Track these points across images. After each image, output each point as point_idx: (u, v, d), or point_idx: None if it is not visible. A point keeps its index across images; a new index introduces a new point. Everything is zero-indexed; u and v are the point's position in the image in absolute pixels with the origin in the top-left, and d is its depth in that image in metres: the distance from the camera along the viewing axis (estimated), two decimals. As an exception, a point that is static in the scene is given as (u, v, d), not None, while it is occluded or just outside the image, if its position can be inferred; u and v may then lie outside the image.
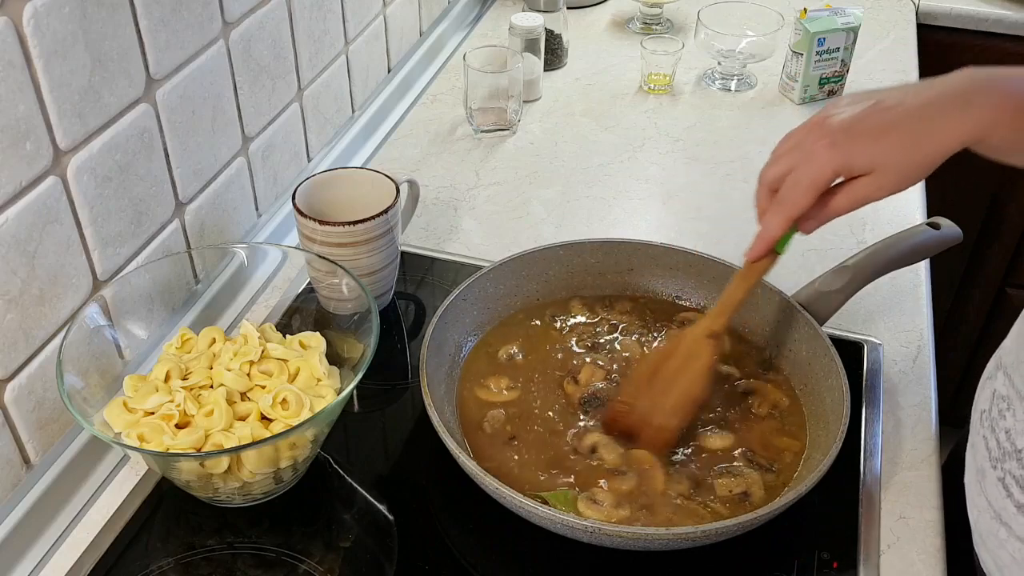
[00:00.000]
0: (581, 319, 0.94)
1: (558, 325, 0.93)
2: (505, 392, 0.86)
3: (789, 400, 0.85)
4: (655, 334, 0.92)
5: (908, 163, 0.65)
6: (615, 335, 0.92)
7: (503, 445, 0.81)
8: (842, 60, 1.33)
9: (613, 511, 0.75)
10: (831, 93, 1.36)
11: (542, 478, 0.78)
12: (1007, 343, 0.72)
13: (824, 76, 1.33)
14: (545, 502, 0.75)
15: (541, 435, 0.82)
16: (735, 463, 0.79)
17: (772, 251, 0.75)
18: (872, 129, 0.66)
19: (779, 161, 0.71)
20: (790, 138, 0.71)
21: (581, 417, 0.83)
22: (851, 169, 0.67)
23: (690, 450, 0.80)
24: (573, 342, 0.91)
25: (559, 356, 0.90)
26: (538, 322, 0.93)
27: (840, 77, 1.34)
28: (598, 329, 0.92)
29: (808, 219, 0.71)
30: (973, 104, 0.63)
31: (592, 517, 0.74)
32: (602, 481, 0.78)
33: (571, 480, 0.78)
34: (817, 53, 1.30)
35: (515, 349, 0.90)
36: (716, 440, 0.81)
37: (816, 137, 0.68)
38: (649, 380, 0.82)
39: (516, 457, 0.80)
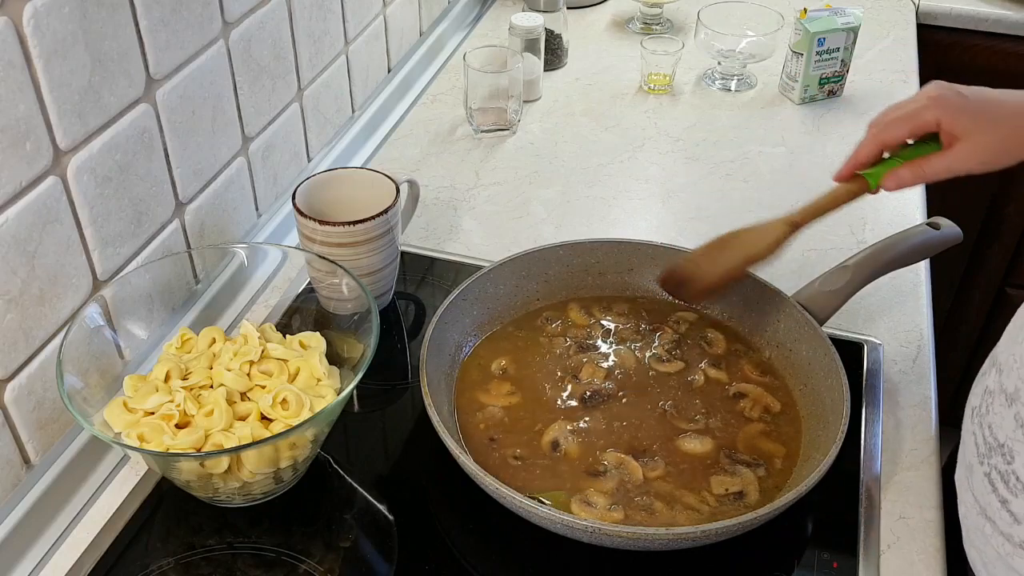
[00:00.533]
0: (576, 322, 0.94)
1: (553, 327, 0.93)
2: (505, 394, 0.86)
3: (781, 406, 0.85)
4: (650, 337, 0.92)
5: (998, 146, 0.72)
6: (609, 340, 0.92)
7: (495, 446, 0.81)
8: (842, 60, 1.33)
9: (606, 512, 0.75)
10: (831, 93, 1.36)
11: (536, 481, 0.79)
12: (1003, 340, 0.72)
13: (824, 76, 1.33)
14: (542, 502, 0.75)
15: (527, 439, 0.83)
16: (723, 462, 0.80)
17: (862, 179, 0.80)
18: (982, 102, 0.73)
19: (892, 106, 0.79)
20: None
21: (575, 413, 0.84)
22: (951, 124, 0.73)
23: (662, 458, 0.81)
24: (569, 349, 0.91)
25: (553, 363, 0.90)
26: (529, 329, 0.93)
27: (840, 77, 1.35)
28: (592, 332, 0.92)
29: (895, 176, 0.77)
30: None
31: (589, 518, 0.74)
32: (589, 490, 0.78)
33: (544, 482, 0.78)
34: (817, 53, 1.30)
35: (510, 357, 0.90)
36: (696, 444, 0.81)
37: (930, 88, 0.75)
38: (717, 246, 0.88)
39: (509, 459, 0.80)
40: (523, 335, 0.93)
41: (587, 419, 0.83)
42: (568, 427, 0.82)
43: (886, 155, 0.80)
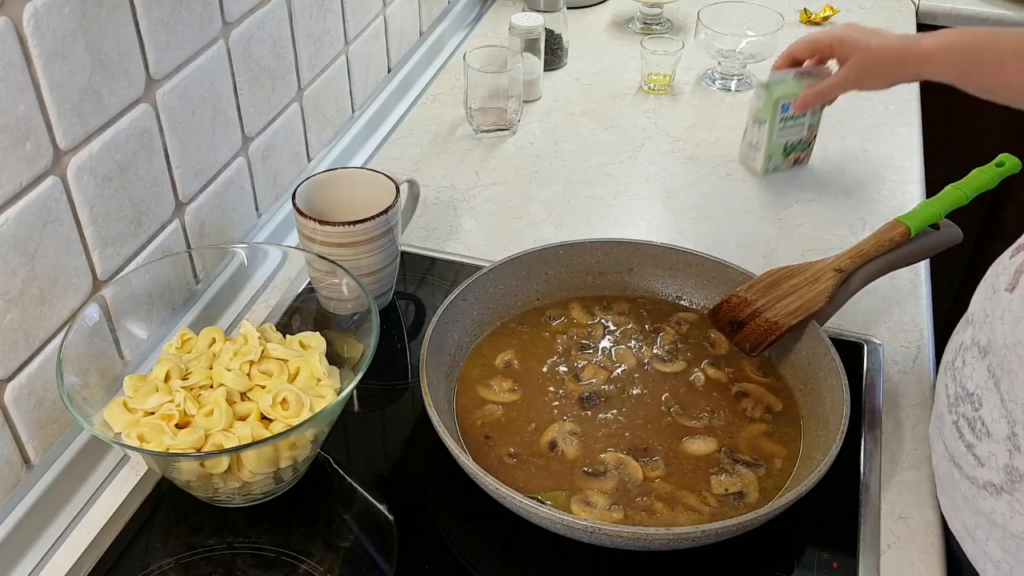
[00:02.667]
0: (577, 321, 0.94)
1: (554, 326, 0.93)
2: (505, 395, 0.86)
3: (783, 406, 0.85)
4: (651, 337, 0.92)
5: (869, 62, 1.02)
6: (611, 340, 0.92)
7: (490, 444, 0.81)
8: (809, 126, 1.18)
9: (606, 512, 0.75)
10: (797, 162, 1.21)
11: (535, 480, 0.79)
12: (974, 297, 0.75)
13: (790, 143, 1.18)
14: (542, 503, 0.75)
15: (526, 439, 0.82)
16: (723, 463, 0.80)
17: (904, 226, 0.87)
18: (870, 32, 1.02)
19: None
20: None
21: (578, 413, 0.84)
22: (842, 50, 1.04)
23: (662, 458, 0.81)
24: (570, 348, 0.91)
25: (555, 362, 0.90)
26: (530, 328, 0.93)
27: (807, 144, 1.20)
28: (592, 332, 0.92)
29: (802, 100, 1.11)
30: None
31: (589, 518, 0.74)
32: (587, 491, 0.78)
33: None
34: (781, 120, 1.15)
35: (510, 356, 0.90)
36: (698, 445, 0.81)
37: (837, 25, 1.07)
38: (769, 287, 0.89)
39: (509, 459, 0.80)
40: (527, 331, 0.93)
41: (587, 419, 0.83)
42: (567, 427, 0.82)
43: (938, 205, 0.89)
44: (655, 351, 0.90)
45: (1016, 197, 1.67)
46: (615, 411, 0.84)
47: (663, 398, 0.86)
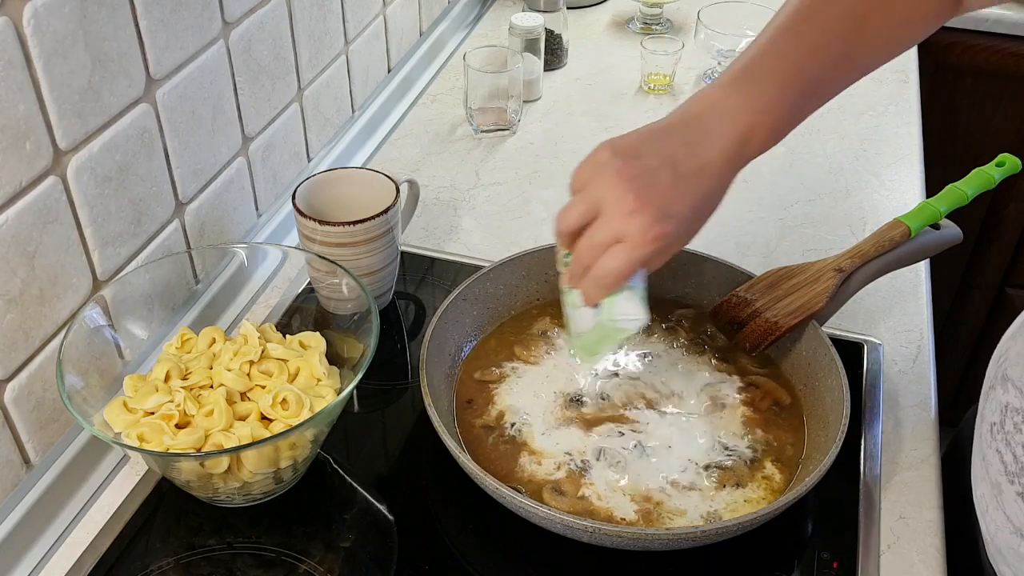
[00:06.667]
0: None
1: (553, 326, 0.93)
2: (507, 383, 0.86)
3: (791, 398, 0.85)
4: (651, 335, 0.92)
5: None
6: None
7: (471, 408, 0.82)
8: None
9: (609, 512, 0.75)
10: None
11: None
12: (1012, 355, 0.71)
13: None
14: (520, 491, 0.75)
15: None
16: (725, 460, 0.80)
17: (904, 225, 0.86)
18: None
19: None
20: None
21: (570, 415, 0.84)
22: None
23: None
24: (570, 347, 0.91)
25: (554, 359, 0.90)
26: (530, 327, 0.93)
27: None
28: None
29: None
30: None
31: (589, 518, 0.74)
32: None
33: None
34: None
35: (510, 355, 0.90)
36: (698, 442, 0.81)
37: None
38: (769, 287, 0.88)
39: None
40: (528, 328, 0.93)
41: (587, 417, 0.83)
42: (567, 418, 0.83)
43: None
44: (655, 348, 0.90)
45: (1016, 197, 1.67)
46: (615, 410, 0.84)
47: (664, 395, 0.86)
